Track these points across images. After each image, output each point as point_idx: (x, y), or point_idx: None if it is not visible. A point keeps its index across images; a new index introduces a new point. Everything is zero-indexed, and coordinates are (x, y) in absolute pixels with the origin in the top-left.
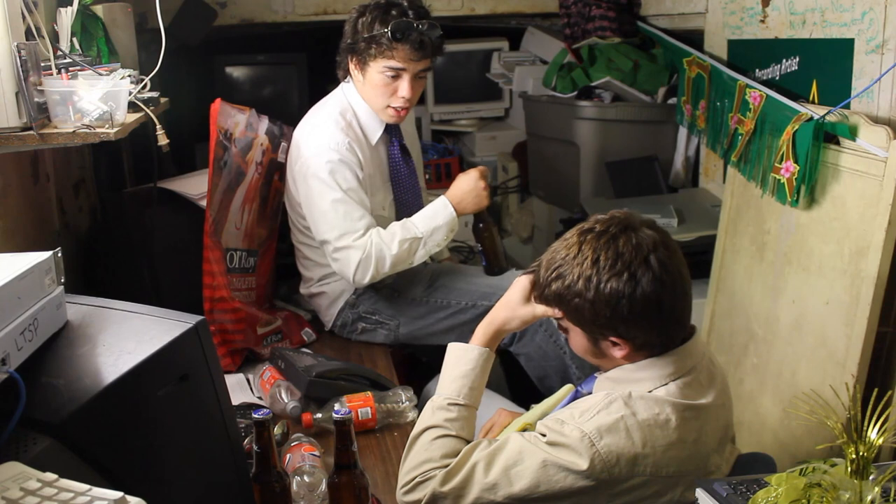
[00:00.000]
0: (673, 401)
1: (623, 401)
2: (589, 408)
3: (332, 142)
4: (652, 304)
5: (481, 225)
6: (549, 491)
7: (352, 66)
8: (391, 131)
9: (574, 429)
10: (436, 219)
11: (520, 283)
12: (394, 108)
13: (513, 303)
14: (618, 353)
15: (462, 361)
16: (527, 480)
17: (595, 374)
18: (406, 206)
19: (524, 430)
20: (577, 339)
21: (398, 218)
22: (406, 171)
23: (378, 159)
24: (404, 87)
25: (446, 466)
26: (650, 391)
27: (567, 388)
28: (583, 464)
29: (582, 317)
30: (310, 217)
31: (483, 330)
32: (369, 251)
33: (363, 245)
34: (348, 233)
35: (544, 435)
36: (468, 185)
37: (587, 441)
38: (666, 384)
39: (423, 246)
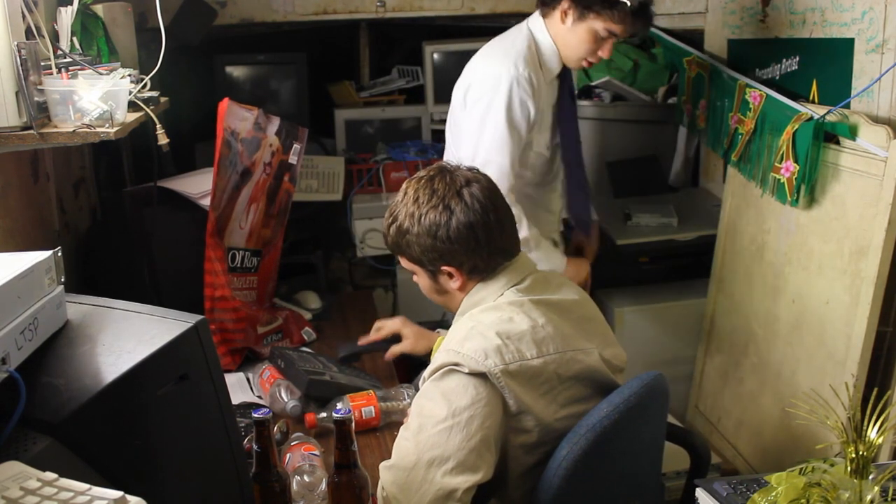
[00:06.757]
0: (510, 300)
1: (468, 318)
2: (445, 342)
3: (514, 70)
4: (467, 230)
5: None
6: (461, 404)
7: (563, 8)
8: (564, 74)
9: (439, 354)
10: (550, 260)
11: None
12: (589, 61)
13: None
14: (454, 284)
15: None
16: (439, 404)
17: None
18: (566, 150)
19: None
20: (422, 280)
21: (559, 158)
22: (570, 115)
23: (551, 97)
24: (607, 49)
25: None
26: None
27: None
28: (463, 368)
29: (414, 252)
30: (469, 137)
31: None
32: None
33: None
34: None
35: (425, 380)
36: (572, 272)
37: (452, 353)
38: (502, 293)
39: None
